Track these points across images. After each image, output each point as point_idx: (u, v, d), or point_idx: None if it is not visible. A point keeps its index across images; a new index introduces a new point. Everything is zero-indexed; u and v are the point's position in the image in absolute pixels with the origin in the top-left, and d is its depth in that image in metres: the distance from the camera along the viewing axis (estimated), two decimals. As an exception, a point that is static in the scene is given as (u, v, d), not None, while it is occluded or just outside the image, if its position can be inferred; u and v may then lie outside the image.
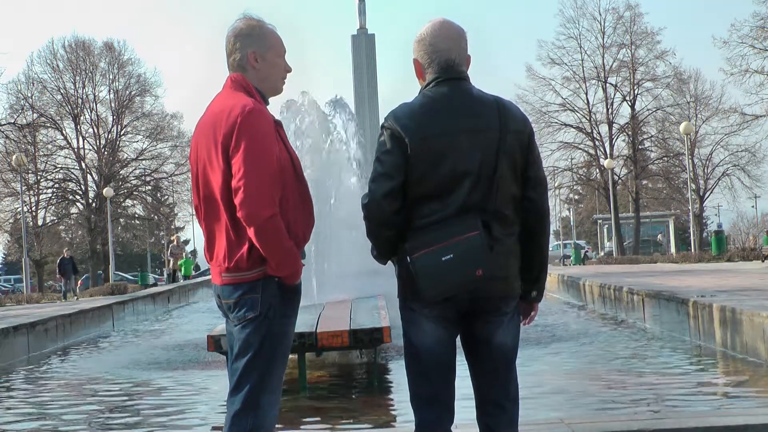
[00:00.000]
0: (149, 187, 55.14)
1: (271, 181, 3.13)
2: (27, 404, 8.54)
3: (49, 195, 51.50)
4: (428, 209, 3.06)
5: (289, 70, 3.43)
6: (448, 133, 3.07)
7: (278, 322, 3.23)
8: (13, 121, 45.48)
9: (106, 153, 51.12)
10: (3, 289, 49.87)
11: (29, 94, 49.66)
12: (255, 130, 3.15)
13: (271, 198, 3.11)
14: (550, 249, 57.79)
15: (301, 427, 6.60)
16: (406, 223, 3.09)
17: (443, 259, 3.00)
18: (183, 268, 40.25)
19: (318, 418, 6.94)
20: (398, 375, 8.37)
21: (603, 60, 49.23)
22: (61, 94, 50.79)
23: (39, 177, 49.42)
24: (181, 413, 7.43)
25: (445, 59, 3.17)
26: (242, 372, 3.21)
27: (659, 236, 54.47)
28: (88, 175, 50.79)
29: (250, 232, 3.12)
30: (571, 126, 50.12)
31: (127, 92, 52.50)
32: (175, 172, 52.55)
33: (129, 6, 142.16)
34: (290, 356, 8.26)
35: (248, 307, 3.21)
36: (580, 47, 49.42)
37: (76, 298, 25.96)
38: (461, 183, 3.06)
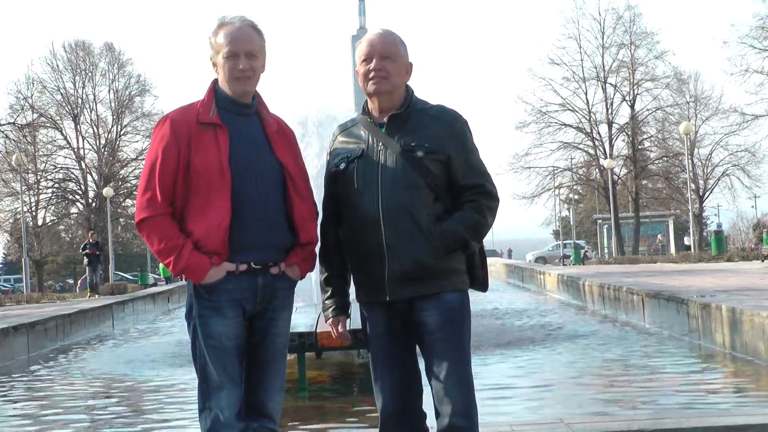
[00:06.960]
0: (149, 187, 55.05)
1: (142, 187, 3.22)
2: (29, 404, 8.53)
3: (49, 195, 51.50)
4: None
5: (244, 68, 3.23)
6: None
7: (199, 322, 3.23)
8: (13, 121, 45.45)
9: (105, 153, 51.12)
10: (3, 289, 49.85)
11: (29, 94, 49.66)
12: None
13: (140, 204, 3.21)
14: (550, 249, 57.83)
15: (301, 427, 6.60)
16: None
17: None
18: (161, 270, 40.12)
19: (318, 418, 6.93)
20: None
21: (603, 60, 49.22)
22: (61, 94, 50.79)
23: (39, 177, 49.41)
24: (182, 412, 7.43)
25: None
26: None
27: (659, 236, 54.36)
28: (88, 175, 50.79)
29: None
30: (571, 126, 50.11)
31: (127, 92, 52.51)
32: (175, 173, 52.42)
33: (129, 6, 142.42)
34: (290, 356, 8.10)
35: (186, 307, 3.33)
36: (580, 47, 49.41)
37: (96, 295, 25.06)
38: None
